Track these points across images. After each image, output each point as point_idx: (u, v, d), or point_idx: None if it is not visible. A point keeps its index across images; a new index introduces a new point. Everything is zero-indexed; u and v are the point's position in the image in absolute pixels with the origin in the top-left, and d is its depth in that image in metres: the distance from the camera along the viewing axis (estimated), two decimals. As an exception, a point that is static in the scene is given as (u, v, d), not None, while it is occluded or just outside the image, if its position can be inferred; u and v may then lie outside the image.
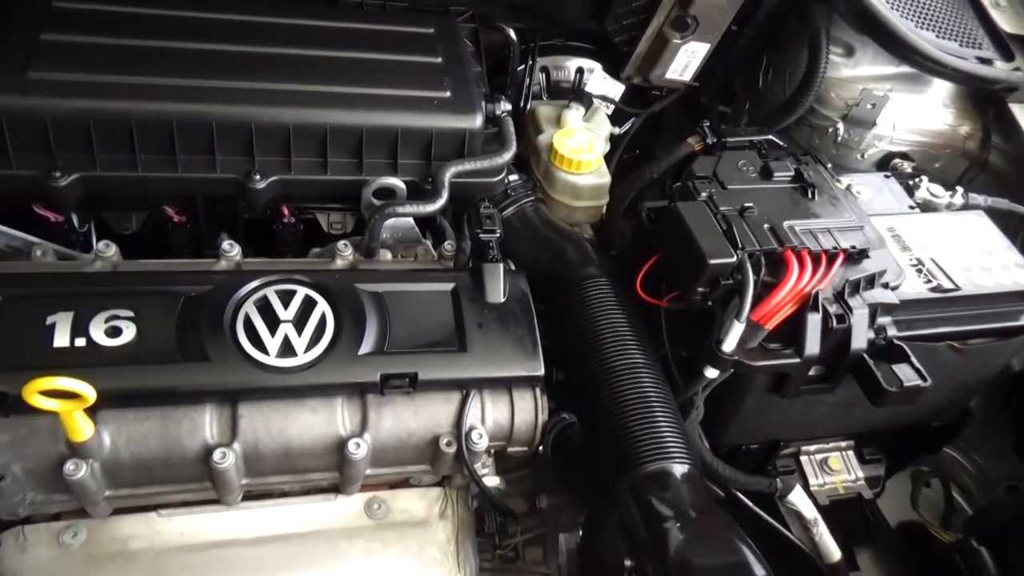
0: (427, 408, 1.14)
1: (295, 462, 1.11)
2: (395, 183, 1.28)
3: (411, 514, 1.22)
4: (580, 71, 1.74)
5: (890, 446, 1.57)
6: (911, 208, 1.49)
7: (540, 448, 1.25)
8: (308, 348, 1.09)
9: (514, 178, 1.48)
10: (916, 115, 1.70)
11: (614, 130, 1.69)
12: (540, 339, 1.19)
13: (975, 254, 1.40)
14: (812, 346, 1.19)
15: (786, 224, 1.25)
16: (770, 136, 1.48)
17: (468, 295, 1.20)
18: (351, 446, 1.08)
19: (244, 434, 1.07)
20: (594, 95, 1.68)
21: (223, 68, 1.23)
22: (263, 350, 1.08)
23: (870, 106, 1.65)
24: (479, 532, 1.28)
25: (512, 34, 1.64)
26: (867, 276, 1.23)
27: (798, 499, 1.41)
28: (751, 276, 1.16)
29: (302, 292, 1.14)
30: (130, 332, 1.04)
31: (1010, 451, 1.63)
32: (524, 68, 1.67)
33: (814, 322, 1.18)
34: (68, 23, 1.22)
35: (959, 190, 1.55)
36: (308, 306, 1.13)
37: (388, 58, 1.35)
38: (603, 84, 1.78)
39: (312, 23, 1.37)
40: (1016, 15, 1.77)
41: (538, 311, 1.23)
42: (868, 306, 1.22)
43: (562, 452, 1.35)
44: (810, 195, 1.33)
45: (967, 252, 1.40)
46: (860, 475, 1.52)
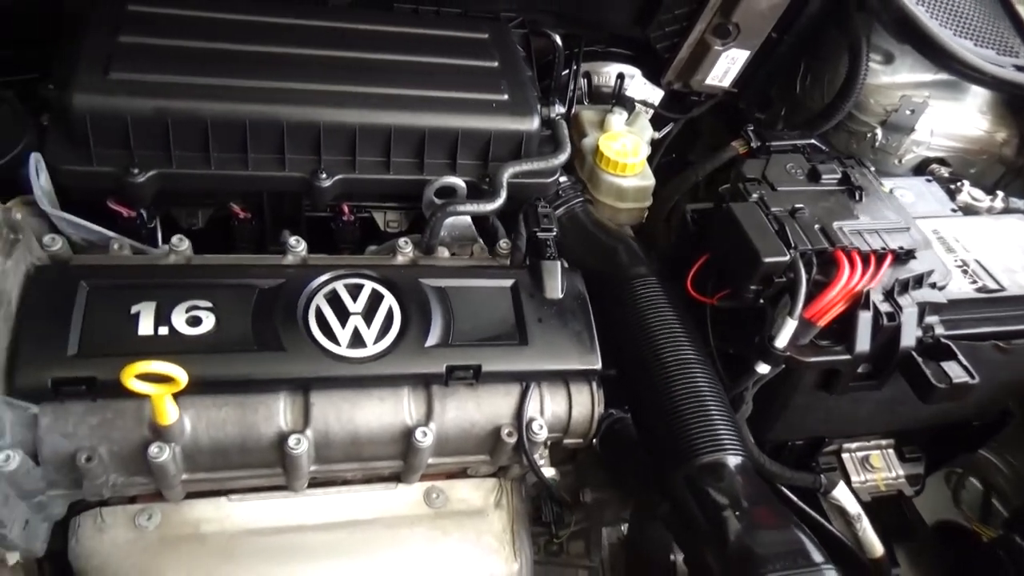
0: (489, 399, 1.18)
1: (362, 450, 1.14)
2: (456, 182, 1.32)
3: (468, 503, 1.26)
4: (621, 76, 1.76)
5: (929, 445, 1.59)
6: (953, 211, 1.52)
7: (594, 441, 1.28)
8: (377, 340, 1.13)
9: (564, 179, 1.51)
10: (953, 121, 1.73)
11: (654, 134, 1.72)
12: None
13: (1018, 256, 1.43)
14: (863, 343, 1.22)
15: (835, 225, 1.28)
16: (812, 140, 1.52)
17: (527, 291, 1.24)
18: (418, 434, 1.12)
19: (316, 421, 1.10)
20: (635, 100, 1.72)
21: (292, 70, 1.28)
22: (335, 341, 1.11)
23: (909, 112, 1.67)
24: (533, 522, 1.31)
25: (558, 40, 1.68)
26: (915, 276, 1.26)
27: (842, 495, 1.43)
28: (803, 274, 1.20)
29: (369, 286, 1.18)
30: (209, 322, 1.08)
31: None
32: (568, 73, 1.72)
33: (865, 320, 1.21)
34: (144, 26, 1.27)
35: (1000, 194, 1.58)
36: (375, 299, 1.17)
37: (447, 62, 1.40)
38: (643, 89, 1.82)
39: (374, 28, 1.41)
40: (1051, 25, 1.80)
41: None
42: (917, 305, 1.24)
43: (611, 446, 1.38)
44: (857, 197, 1.36)
45: (1010, 254, 1.43)
46: (901, 473, 1.55)
